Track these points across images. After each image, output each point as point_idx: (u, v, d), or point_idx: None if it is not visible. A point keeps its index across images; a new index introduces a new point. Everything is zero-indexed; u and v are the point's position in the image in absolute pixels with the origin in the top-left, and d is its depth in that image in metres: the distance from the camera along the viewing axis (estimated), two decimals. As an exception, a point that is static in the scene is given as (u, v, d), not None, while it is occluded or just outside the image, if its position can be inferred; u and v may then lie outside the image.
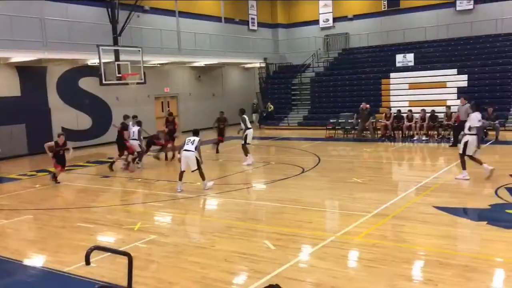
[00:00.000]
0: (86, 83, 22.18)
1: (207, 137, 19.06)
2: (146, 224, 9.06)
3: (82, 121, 22.21)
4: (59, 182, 13.47)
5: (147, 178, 13.95)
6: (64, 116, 21.40)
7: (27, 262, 7.49)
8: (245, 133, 15.18)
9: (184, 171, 11.57)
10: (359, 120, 20.97)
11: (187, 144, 11.51)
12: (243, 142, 15.24)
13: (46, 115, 20.86)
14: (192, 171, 11.47)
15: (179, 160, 11.78)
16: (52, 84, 21.13)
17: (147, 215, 9.90)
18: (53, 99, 21.14)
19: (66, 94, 21.57)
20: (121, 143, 15.45)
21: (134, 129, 15.44)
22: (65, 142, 13.59)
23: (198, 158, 11.40)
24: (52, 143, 13.53)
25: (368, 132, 20.89)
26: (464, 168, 11.59)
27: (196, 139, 11.57)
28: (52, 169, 13.94)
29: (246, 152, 15.24)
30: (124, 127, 15.57)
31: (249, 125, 15.26)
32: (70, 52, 19.95)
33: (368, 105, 21.37)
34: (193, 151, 11.34)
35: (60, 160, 13.48)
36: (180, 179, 11.69)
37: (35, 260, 7.66)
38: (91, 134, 22.44)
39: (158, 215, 9.93)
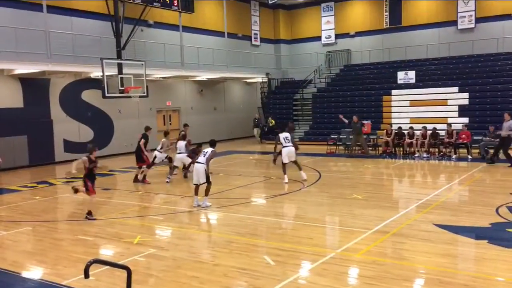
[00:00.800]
0: (89, 96, 22.30)
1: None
2: (145, 237, 9.03)
3: (84, 133, 22.28)
4: (95, 219, 10.60)
5: (148, 192, 13.94)
6: (66, 128, 21.48)
7: (25, 274, 7.46)
8: (281, 150, 14.67)
9: (197, 184, 11.33)
10: (352, 135, 21.00)
11: (200, 156, 11.30)
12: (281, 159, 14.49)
13: (48, 127, 20.93)
14: (200, 184, 11.26)
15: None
16: (55, 96, 21.25)
17: (147, 228, 9.87)
18: (56, 111, 21.23)
19: (69, 106, 21.68)
20: (139, 154, 15.33)
21: (181, 144, 15.37)
22: (96, 157, 10.89)
23: (207, 170, 11.08)
24: (85, 159, 10.45)
25: (361, 147, 20.86)
26: None
27: (209, 150, 11.26)
28: (82, 194, 10.97)
29: (284, 169, 14.43)
30: (145, 138, 15.39)
31: (284, 143, 14.41)
32: (74, 65, 20.10)
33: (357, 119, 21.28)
34: (203, 163, 11.10)
35: (93, 181, 10.74)
36: (196, 193, 11.40)
37: (34, 272, 7.62)
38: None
39: (158, 228, 9.90)
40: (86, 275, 3.87)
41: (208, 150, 11.29)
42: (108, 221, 10.52)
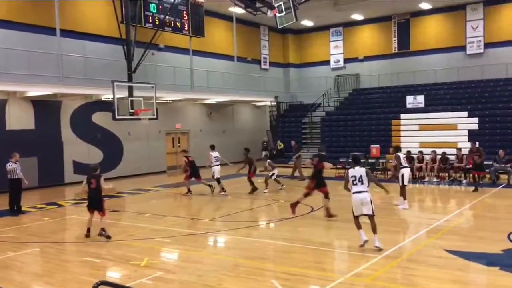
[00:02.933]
0: (99, 118, 22.51)
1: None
2: (153, 260, 8.98)
3: (93, 154, 22.40)
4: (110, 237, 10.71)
5: (155, 213, 13.91)
6: (76, 150, 21.63)
7: (32, 295, 7.43)
8: (401, 173, 14.06)
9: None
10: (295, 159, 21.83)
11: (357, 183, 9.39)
12: (400, 183, 13.93)
13: (59, 148, 21.09)
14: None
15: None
16: (66, 118, 21.48)
17: (154, 251, 9.82)
18: (66, 132, 21.43)
19: (79, 128, 21.88)
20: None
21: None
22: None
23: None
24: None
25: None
26: None
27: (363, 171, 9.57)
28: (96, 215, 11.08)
29: (404, 194, 13.83)
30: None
31: (403, 163, 13.99)
32: (85, 87, 20.39)
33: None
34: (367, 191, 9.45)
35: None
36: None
37: (40, 294, 7.59)
38: (102, 168, 22.30)
39: (165, 251, 9.86)
40: (93, 297, 3.85)
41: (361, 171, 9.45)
42: (116, 243, 10.49)
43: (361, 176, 9.42)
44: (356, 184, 9.34)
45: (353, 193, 9.33)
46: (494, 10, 28.21)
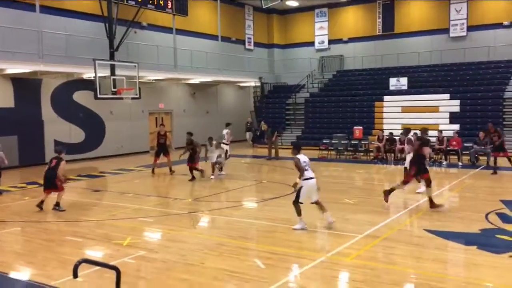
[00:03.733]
0: (81, 97, 22.18)
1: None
2: (135, 239, 8.97)
3: (75, 134, 22.15)
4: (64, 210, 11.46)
5: (138, 193, 13.87)
6: (57, 129, 21.33)
7: (13, 275, 7.38)
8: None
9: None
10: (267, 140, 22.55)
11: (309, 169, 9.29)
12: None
13: (39, 127, 20.78)
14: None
15: None
16: (46, 97, 21.11)
17: (137, 230, 9.81)
18: (47, 111, 21.09)
19: (60, 107, 21.54)
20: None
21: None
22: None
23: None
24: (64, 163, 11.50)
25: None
26: None
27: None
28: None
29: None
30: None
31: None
32: (66, 65, 19.98)
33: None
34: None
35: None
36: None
37: (22, 273, 7.55)
38: (83, 148, 22.37)
39: (148, 230, 9.85)
40: (75, 275, 3.83)
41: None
42: (98, 222, 10.45)
43: (308, 162, 9.25)
44: (307, 170, 9.10)
45: (307, 179, 9.08)
46: (478, -7, 28.34)
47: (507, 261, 7.43)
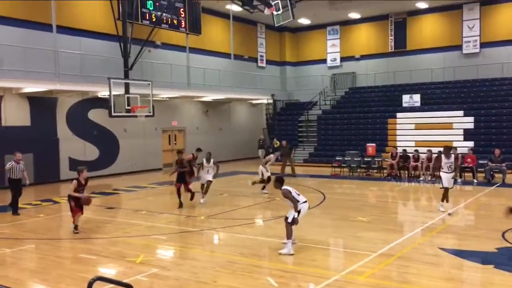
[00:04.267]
0: (95, 115, 22.46)
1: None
2: (148, 257, 8.99)
3: (89, 152, 22.37)
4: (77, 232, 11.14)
5: (151, 211, 13.92)
6: (72, 147, 21.58)
7: (27, 292, 7.43)
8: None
9: None
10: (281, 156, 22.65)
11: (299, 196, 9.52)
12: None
13: (55, 145, 21.05)
14: None
15: None
16: (62, 115, 21.43)
17: (150, 248, 9.83)
18: (62, 129, 21.38)
19: (75, 124, 21.83)
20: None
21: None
22: (87, 179, 11.43)
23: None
24: (74, 182, 11.06)
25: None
26: None
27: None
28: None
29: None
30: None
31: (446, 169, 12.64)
32: (82, 84, 20.32)
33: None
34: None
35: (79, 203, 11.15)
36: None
37: (36, 290, 7.60)
38: (98, 165, 22.55)
39: (161, 248, 9.87)
40: (89, 293, 3.86)
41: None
42: (112, 240, 10.50)
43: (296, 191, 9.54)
44: (299, 195, 9.45)
45: (303, 202, 9.40)
46: (490, 10, 28.31)
47: (525, 280, 7.30)
